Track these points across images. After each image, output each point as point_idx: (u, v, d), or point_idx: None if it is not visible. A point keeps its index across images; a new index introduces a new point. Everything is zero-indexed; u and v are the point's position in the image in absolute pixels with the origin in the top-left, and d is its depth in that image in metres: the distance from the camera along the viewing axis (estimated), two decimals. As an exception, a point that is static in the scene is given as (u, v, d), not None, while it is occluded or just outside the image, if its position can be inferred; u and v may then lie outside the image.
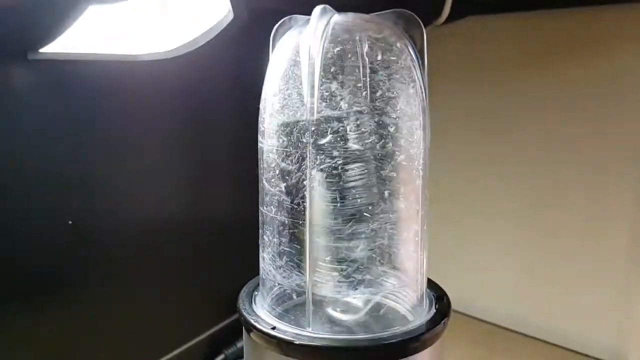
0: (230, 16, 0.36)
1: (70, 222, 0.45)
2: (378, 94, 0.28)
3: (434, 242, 0.32)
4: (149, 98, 0.49)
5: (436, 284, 0.34)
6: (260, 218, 0.32)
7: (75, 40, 0.37)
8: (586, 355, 0.61)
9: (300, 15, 0.30)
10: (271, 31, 0.33)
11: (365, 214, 0.29)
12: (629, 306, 0.59)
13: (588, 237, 0.61)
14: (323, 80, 0.27)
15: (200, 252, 0.58)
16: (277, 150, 0.29)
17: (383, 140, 0.28)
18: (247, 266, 0.40)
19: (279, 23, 0.31)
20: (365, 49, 0.28)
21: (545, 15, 0.60)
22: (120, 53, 0.42)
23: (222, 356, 0.61)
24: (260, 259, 0.32)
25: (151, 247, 0.52)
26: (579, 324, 0.63)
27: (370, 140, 0.28)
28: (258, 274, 0.35)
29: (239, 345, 0.62)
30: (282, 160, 0.29)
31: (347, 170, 0.28)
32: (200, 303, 0.60)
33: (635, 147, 0.56)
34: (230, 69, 0.55)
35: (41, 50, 0.38)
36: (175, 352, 0.56)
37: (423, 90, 0.29)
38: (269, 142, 0.30)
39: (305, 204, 0.28)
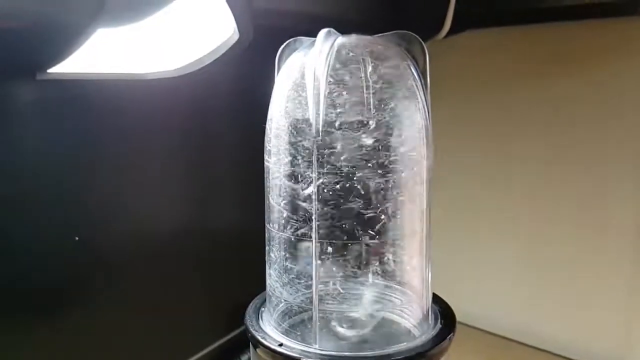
0: (236, 36, 0.36)
1: (77, 239, 0.45)
2: (382, 113, 0.29)
3: (435, 253, 0.33)
4: (154, 116, 0.49)
5: (441, 299, 0.34)
6: (266, 235, 0.33)
7: (82, 59, 0.37)
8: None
9: (305, 37, 0.31)
10: (275, 49, 0.34)
11: (370, 231, 0.29)
12: (633, 316, 0.59)
13: (591, 247, 0.61)
14: (328, 101, 0.28)
15: (203, 267, 0.58)
16: (283, 169, 0.30)
17: (387, 159, 0.29)
18: (251, 281, 0.40)
19: (284, 45, 0.32)
20: (369, 70, 0.28)
21: (543, 29, 0.61)
22: (126, 72, 0.43)
23: (226, 370, 0.61)
24: (267, 275, 0.33)
25: (155, 262, 0.52)
26: (583, 334, 0.63)
27: (374, 158, 0.29)
28: (261, 288, 0.35)
29: (242, 358, 0.62)
30: (288, 179, 0.30)
31: (352, 189, 0.29)
32: (203, 317, 0.60)
33: (635, 154, 0.57)
34: (235, 87, 0.56)
35: (49, 70, 0.38)
36: (179, 367, 0.56)
37: (426, 110, 0.30)
38: (275, 161, 0.31)
39: (311, 221, 0.29)
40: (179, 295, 0.56)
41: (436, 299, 0.34)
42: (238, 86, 0.56)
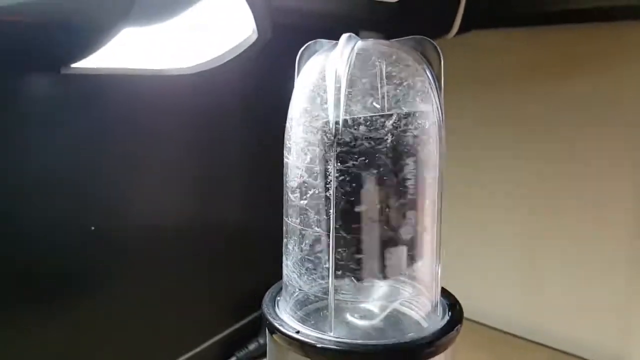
0: (255, 36, 0.38)
1: (93, 228, 0.47)
2: (398, 115, 0.30)
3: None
4: (172, 112, 0.51)
5: (449, 293, 0.36)
6: (284, 228, 0.34)
7: (104, 54, 0.39)
8: (588, 360, 0.63)
9: (324, 40, 0.32)
10: (291, 48, 0.35)
11: (385, 227, 0.31)
12: (631, 310, 0.60)
13: (589, 242, 0.62)
14: (347, 102, 0.29)
15: (213, 257, 0.60)
16: (302, 166, 0.31)
17: (403, 158, 0.30)
18: (257, 273, 0.41)
19: (304, 47, 0.33)
20: (386, 72, 0.30)
21: (550, 30, 0.63)
22: (147, 67, 0.44)
23: (233, 359, 0.62)
24: (284, 265, 0.34)
25: (166, 252, 0.54)
26: (582, 328, 0.64)
27: (391, 158, 0.30)
28: (268, 279, 0.37)
29: (250, 347, 0.63)
30: (307, 176, 0.31)
31: (368, 186, 0.30)
32: (212, 306, 0.62)
33: (635, 151, 0.58)
34: (251, 85, 0.57)
35: (73, 65, 0.39)
36: (188, 355, 0.58)
37: (440, 111, 0.31)
38: (294, 158, 0.32)
39: (328, 215, 0.30)
40: (188, 285, 0.57)
41: (444, 293, 0.35)
42: (254, 85, 0.57)
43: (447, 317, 0.33)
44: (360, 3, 0.51)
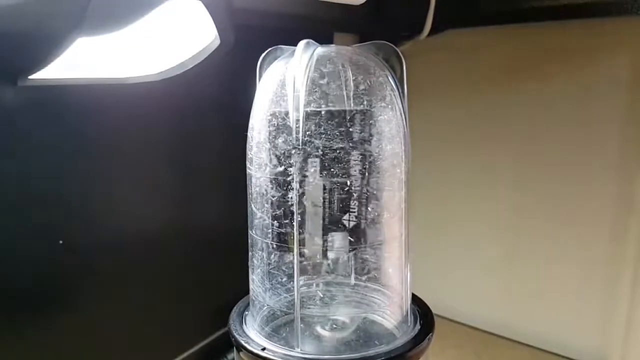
0: (217, 42, 0.37)
1: (61, 242, 0.45)
2: (361, 121, 0.29)
3: (419, 249, 0.33)
4: (137, 120, 0.50)
5: (420, 299, 0.35)
6: (249, 241, 0.33)
7: (64, 64, 0.37)
8: (569, 359, 0.63)
9: (286, 46, 0.31)
10: (257, 49, 0.34)
11: (351, 236, 0.30)
12: (610, 309, 0.60)
13: (570, 242, 0.62)
14: (309, 109, 0.28)
15: (189, 267, 0.59)
16: (264, 176, 0.30)
17: (367, 166, 0.30)
18: (235, 280, 0.40)
19: (265, 53, 0.32)
20: (349, 79, 0.29)
21: (522, 29, 0.62)
22: (108, 77, 0.43)
23: (213, 369, 0.61)
24: (250, 280, 0.33)
25: (139, 264, 0.52)
26: (563, 327, 0.64)
27: (355, 166, 0.29)
28: (246, 287, 0.35)
29: (229, 357, 0.63)
30: (270, 187, 0.30)
31: (333, 195, 0.29)
32: (190, 317, 0.61)
33: (616, 152, 0.58)
34: (217, 89, 0.56)
35: (30, 76, 0.38)
36: (166, 366, 0.57)
37: (404, 116, 0.30)
38: (257, 169, 0.31)
39: (292, 228, 0.30)
40: (165, 296, 0.56)
41: (415, 300, 0.35)
42: (221, 88, 0.56)
43: (418, 326, 0.33)
44: (332, 6, 0.50)
